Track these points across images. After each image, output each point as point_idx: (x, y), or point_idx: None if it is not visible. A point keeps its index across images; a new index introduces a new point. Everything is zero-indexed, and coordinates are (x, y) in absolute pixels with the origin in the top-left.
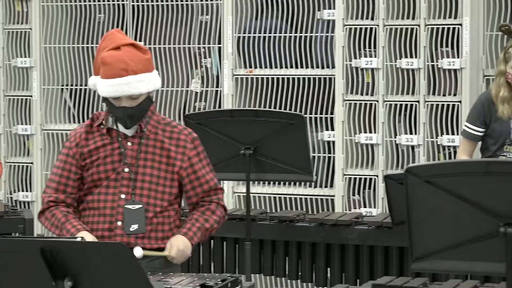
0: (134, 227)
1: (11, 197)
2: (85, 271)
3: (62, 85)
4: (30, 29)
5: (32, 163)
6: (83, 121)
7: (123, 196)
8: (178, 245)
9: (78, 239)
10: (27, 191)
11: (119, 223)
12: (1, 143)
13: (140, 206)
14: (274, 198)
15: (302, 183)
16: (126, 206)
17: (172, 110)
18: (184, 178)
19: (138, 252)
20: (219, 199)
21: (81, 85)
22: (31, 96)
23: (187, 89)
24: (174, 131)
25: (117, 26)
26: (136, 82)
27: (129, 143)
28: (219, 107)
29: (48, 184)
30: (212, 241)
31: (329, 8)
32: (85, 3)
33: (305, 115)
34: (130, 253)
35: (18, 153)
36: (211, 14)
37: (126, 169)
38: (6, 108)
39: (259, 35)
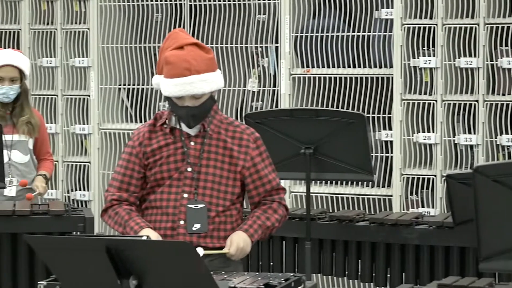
0: (196, 226)
1: (68, 196)
2: (150, 269)
3: (119, 85)
4: (88, 29)
5: (89, 162)
6: (140, 120)
7: (185, 195)
8: (238, 242)
9: (143, 238)
10: (84, 190)
11: (182, 222)
12: (59, 143)
13: (203, 205)
14: (331, 197)
15: (359, 182)
16: (188, 205)
17: (229, 110)
18: (246, 178)
19: (199, 252)
20: (281, 199)
21: (138, 85)
22: (88, 95)
23: (244, 88)
24: (236, 130)
25: (175, 26)
26: (199, 81)
27: (192, 143)
28: (276, 106)
29: (111, 182)
30: (271, 240)
31: (387, 7)
32: (142, 2)
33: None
34: (195, 252)
35: (76, 152)
36: (269, 13)
37: (189, 169)
38: (64, 108)
39: (317, 34)
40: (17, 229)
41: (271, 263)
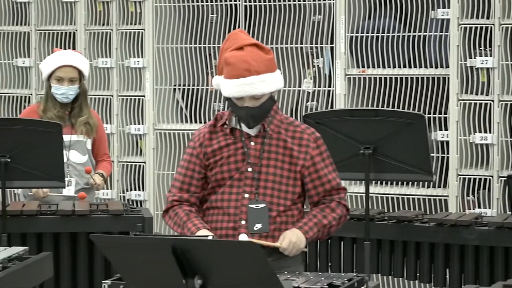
0: (258, 226)
1: (123, 196)
2: (215, 269)
3: (174, 85)
4: (143, 29)
5: (144, 162)
6: (195, 121)
7: (246, 195)
8: (291, 237)
9: (209, 238)
10: (139, 190)
11: (243, 222)
12: (114, 143)
13: (264, 205)
14: (387, 198)
15: (416, 183)
16: (250, 205)
17: (284, 110)
18: (305, 177)
19: (243, 238)
20: (341, 198)
21: (193, 85)
22: (143, 96)
23: (299, 89)
24: (297, 130)
25: (229, 27)
26: (259, 82)
27: (252, 143)
28: (331, 107)
29: (173, 183)
30: (329, 241)
31: (444, 7)
32: (197, 3)
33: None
34: (261, 252)
35: (131, 152)
36: (324, 14)
37: (250, 169)
38: (119, 108)
39: (372, 34)
40: (76, 228)
41: (329, 264)
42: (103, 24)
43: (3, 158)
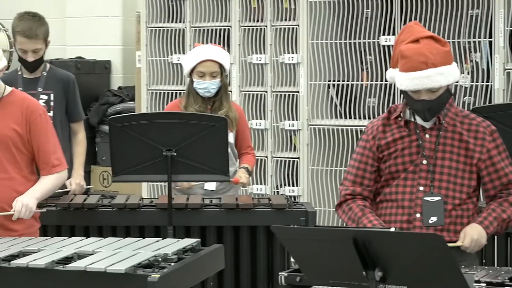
0: (433, 219)
1: (277, 192)
2: (396, 261)
3: (328, 81)
4: (298, 25)
5: (298, 158)
6: (349, 117)
7: (421, 188)
8: (472, 235)
9: (392, 229)
10: (293, 186)
11: (418, 215)
12: (268, 138)
13: (439, 198)
14: None
15: None
16: (425, 198)
17: None
18: (482, 171)
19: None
20: None
21: (347, 81)
22: (298, 92)
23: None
24: (472, 123)
25: (384, 22)
26: (436, 75)
27: (427, 135)
28: (489, 102)
29: (345, 176)
30: (509, 238)
31: None
32: None
33: None
34: (445, 245)
35: (285, 148)
36: (482, 7)
37: (424, 161)
38: (273, 104)
39: None
40: (240, 222)
41: (509, 259)
42: (257, 21)
43: (169, 152)
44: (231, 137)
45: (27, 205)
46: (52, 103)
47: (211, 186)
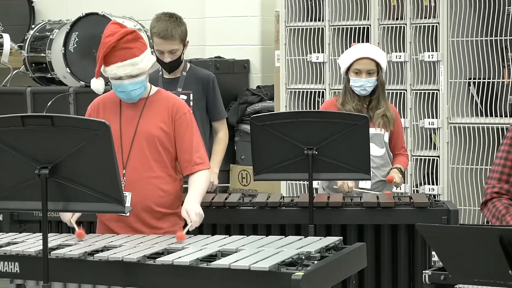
0: None
1: (417, 190)
2: None
3: (469, 79)
4: (438, 23)
5: (438, 156)
6: (490, 115)
7: None
8: None
9: None
10: (433, 184)
11: None
12: (408, 137)
13: None
14: None
15: None
16: None
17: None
18: None
19: None
20: None
21: (487, 79)
22: (438, 90)
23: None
24: None
25: None
26: None
27: None
28: None
29: (491, 175)
30: None
31: None
32: None
33: None
34: None
35: (424, 146)
36: None
37: None
38: (413, 102)
39: None
40: (381, 220)
41: None
42: (397, 19)
43: (311, 151)
44: (386, 137)
45: (199, 213)
46: (191, 103)
47: (366, 185)
